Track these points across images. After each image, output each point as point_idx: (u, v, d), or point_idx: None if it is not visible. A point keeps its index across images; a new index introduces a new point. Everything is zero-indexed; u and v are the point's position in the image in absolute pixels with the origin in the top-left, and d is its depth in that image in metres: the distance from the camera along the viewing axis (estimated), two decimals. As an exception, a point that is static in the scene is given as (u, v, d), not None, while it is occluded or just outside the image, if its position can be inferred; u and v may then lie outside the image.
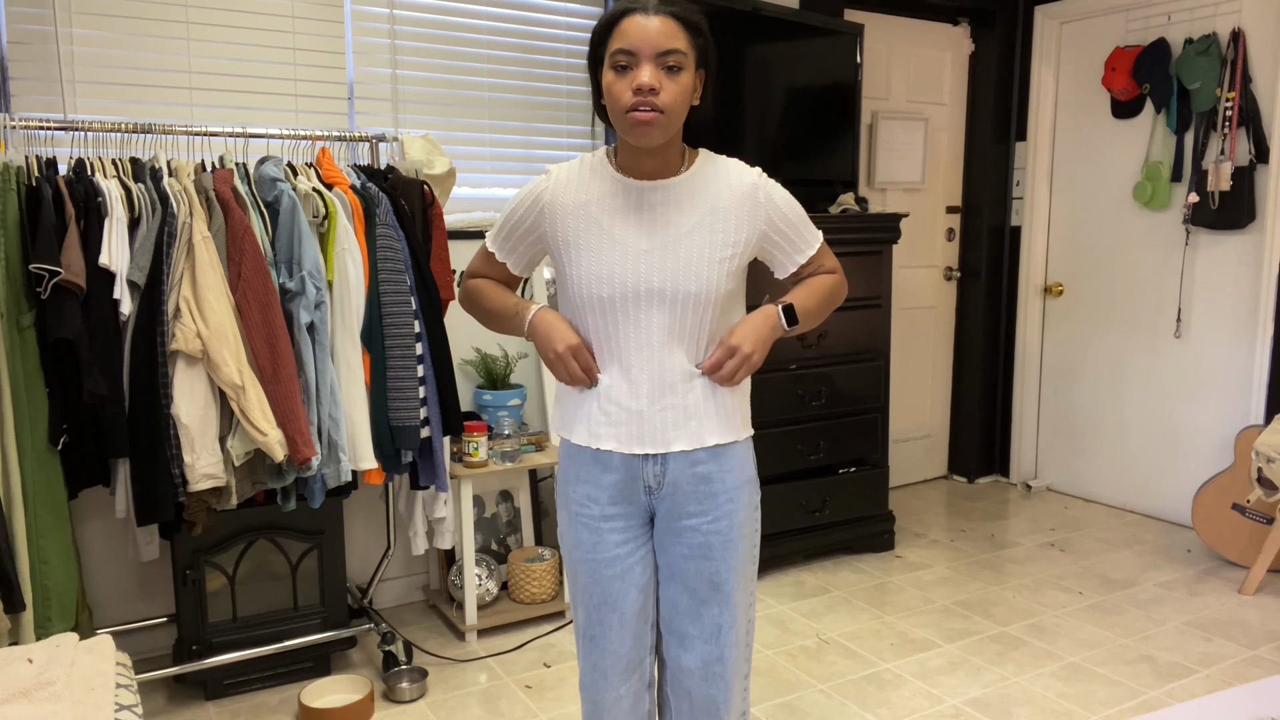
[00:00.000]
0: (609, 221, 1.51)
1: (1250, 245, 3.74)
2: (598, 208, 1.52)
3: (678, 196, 1.51)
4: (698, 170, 1.54)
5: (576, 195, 1.54)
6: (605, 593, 1.60)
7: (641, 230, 1.50)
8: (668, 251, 1.49)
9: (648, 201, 1.51)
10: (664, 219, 1.51)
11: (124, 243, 2.19)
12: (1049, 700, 2.57)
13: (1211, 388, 3.91)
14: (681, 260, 1.49)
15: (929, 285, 4.61)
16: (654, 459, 1.55)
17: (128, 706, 1.68)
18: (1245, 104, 3.66)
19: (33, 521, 2.15)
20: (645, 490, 1.57)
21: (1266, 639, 2.95)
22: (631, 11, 1.41)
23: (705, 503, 1.57)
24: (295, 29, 2.92)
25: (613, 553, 1.59)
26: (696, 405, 1.54)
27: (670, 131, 1.44)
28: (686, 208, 1.51)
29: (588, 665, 1.64)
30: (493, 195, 3.35)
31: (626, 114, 1.41)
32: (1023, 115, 4.51)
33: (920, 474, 4.78)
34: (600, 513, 1.59)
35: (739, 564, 1.60)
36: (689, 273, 1.49)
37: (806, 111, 3.61)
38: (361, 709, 2.45)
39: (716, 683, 1.61)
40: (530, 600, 3.08)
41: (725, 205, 1.52)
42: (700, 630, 1.59)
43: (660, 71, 1.39)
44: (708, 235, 1.50)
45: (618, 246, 1.50)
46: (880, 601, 3.26)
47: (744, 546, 1.61)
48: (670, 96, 1.40)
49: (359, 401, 2.46)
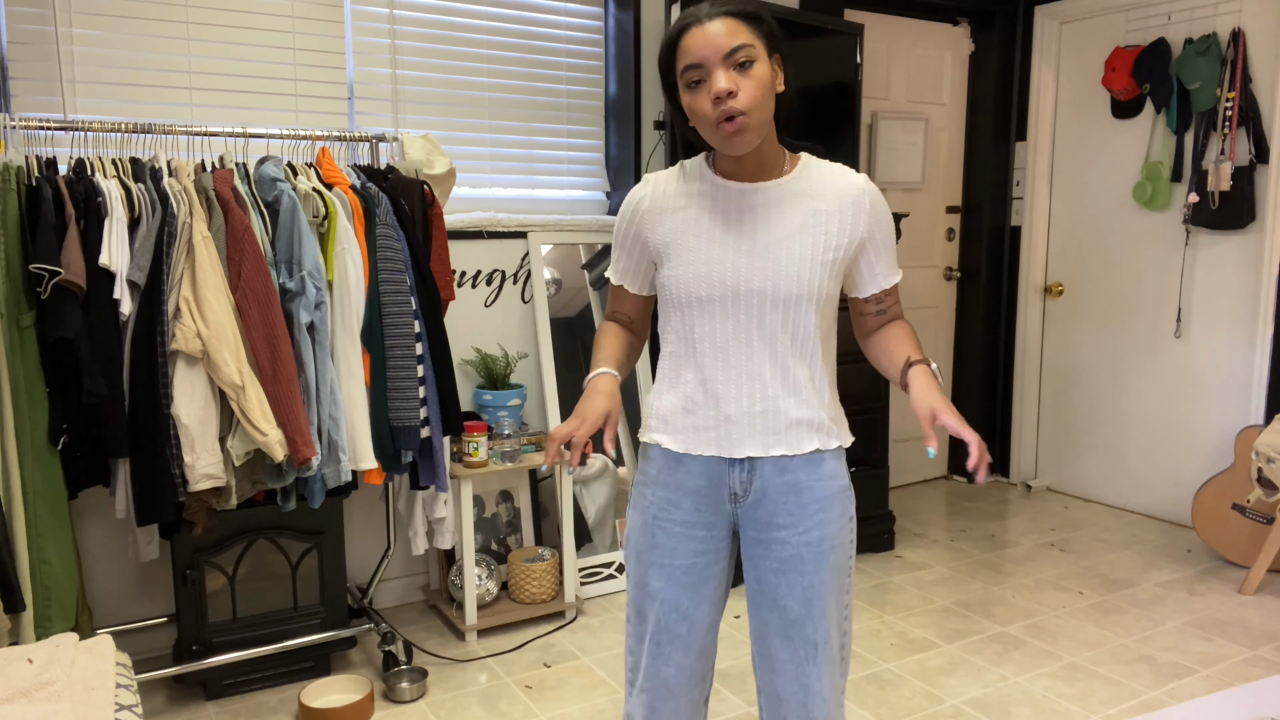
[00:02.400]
0: (710, 222, 1.49)
1: (1250, 245, 3.74)
2: (698, 210, 1.50)
3: (780, 198, 1.48)
4: (801, 172, 1.51)
5: (676, 199, 1.52)
6: (678, 601, 1.54)
7: (743, 231, 1.48)
8: (769, 252, 1.46)
9: (749, 203, 1.49)
10: (765, 220, 1.48)
11: (124, 243, 2.19)
12: (1049, 700, 2.57)
13: (1211, 388, 3.91)
14: (783, 261, 1.46)
15: (929, 285, 4.61)
16: (741, 464, 1.51)
17: (128, 706, 1.68)
18: (1245, 104, 3.66)
19: (33, 521, 2.15)
20: (731, 498, 1.53)
21: (1266, 639, 2.95)
22: (688, 25, 1.38)
23: (796, 513, 1.51)
24: (295, 29, 2.92)
25: (690, 561, 1.54)
26: (790, 410, 1.49)
27: (763, 130, 1.41)
28: (789, 209, 1.48)
29: (651, 672, 1.58)
30: (493, 195, 3.35)
31: (717, 127, 1.38)
32: (1023, 115, 4.51)
33: (920, 474, 4.78)
34: (681, 518, 1.54)
35: (833, 577, 1.53)
36: (791, 274, 1.46)
37: (806, 111, 3.61)
38: (361, 709, 2.45)
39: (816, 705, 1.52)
40: (530, 600, 3.08)
41: (829, 207, 1.48)
42: (792, 654, 1.52)
43: (733, 72, 1.36)
44: (810, 237, 1.47)
45: (718, 246, 1.48)
46: (880, 601, 3.26)
47: (837, 558, 1.53)
48: (750, 94, 1.36)
49: (359, 401, 2.46)
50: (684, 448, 1.51)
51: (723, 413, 1.49)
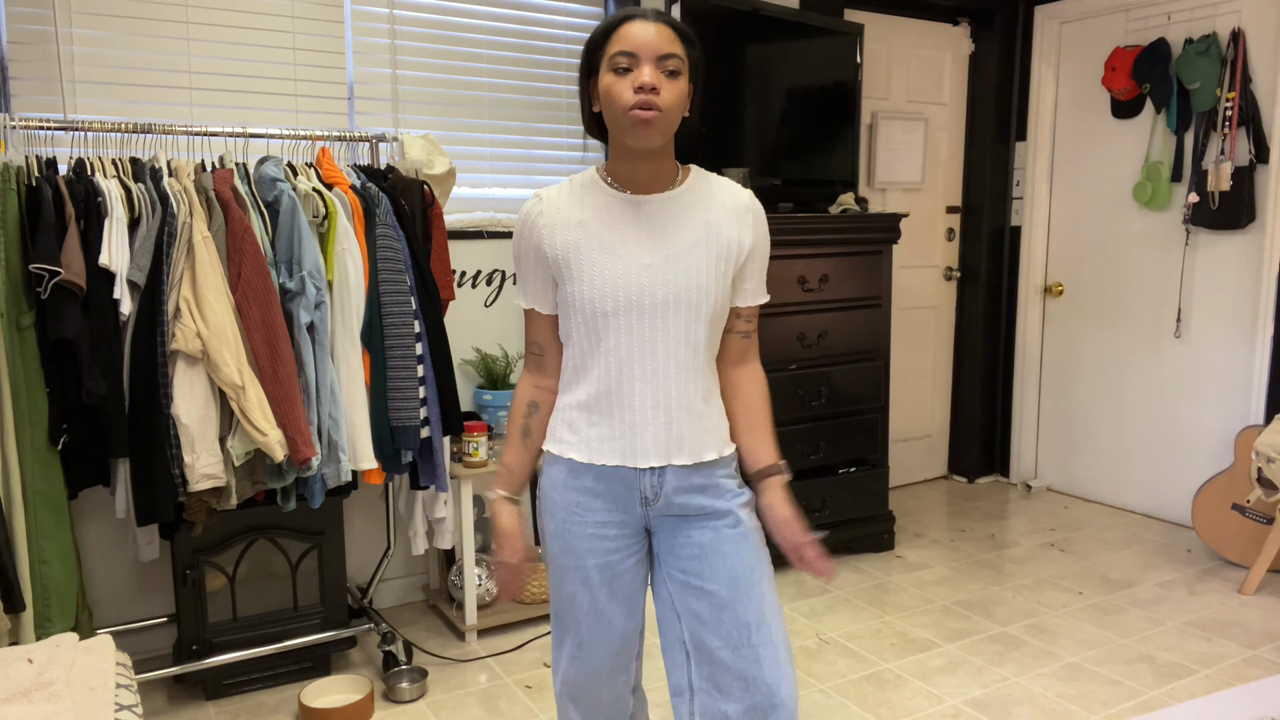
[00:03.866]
0: (609, 236, 1.50)
1: (1250, 245, 3.74)
2: (596, 223, 1.51)
3: (674, 209, 1.51)
4: (693, 184, 1.54)
5: (571, 212, 1.52)
6: (595, 599, 1.57)
7: (643, 244, 1.50)
8: (670, 265, 1.49)
9: (645, 214, 1.51)
10: (662, 231, 1.50)
11: (124, 243, 2.19)
12: (1049, 700, 2.57)
13: (1211, 388, 3.91)
14: (684, 273, 1.49)
15: (929, 285, 4.61)
16: (652, 472, 1.53)
17: (128, 706, 1.68)
18: (1245, 104, 3.66)
19: (33, 521, 2.15)
20: (642, 501, 1.54)
21: (1266, 639, 2.95)
22: (632, 18, 1.44)
23: (707, 508, 1.55)
24: (295, 29, 2.92)
25: (603, 560, 1.56)
26: (692, 420, 1.53)
27: (668, 133, 1.45)
28: (684, 220, 1.51)
29: (572, 674, 1.62)
30: (493, 195, 3.35)
31: (628, 112, 1.41)
32: (1023, 115, 4.51)
33: (920, 474, 4.78)
34: (592, 519, 1.55)
35: (755, 559, 1.55)
36: (694, 285, 1.49)
37: (806, 111, 3.61)
38: (361, 709, 2.45)
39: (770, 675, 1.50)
40: (530, 600, 3.08)
41: (720, 220, 1.52)
42: (726, 639, 1.51)
43: (660, 74, 1.41)
44: (705, 249, 1.50)
45: (620, 260, 1.49)
46: (880, 601, 3.26)
47: (757, 539, 1.57)
48: (670, 98, 1.41)
49: (359, 401, 2.46)
50: (589, 458, 1.53)
51: (627, 423, 1.51)
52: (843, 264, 3.52)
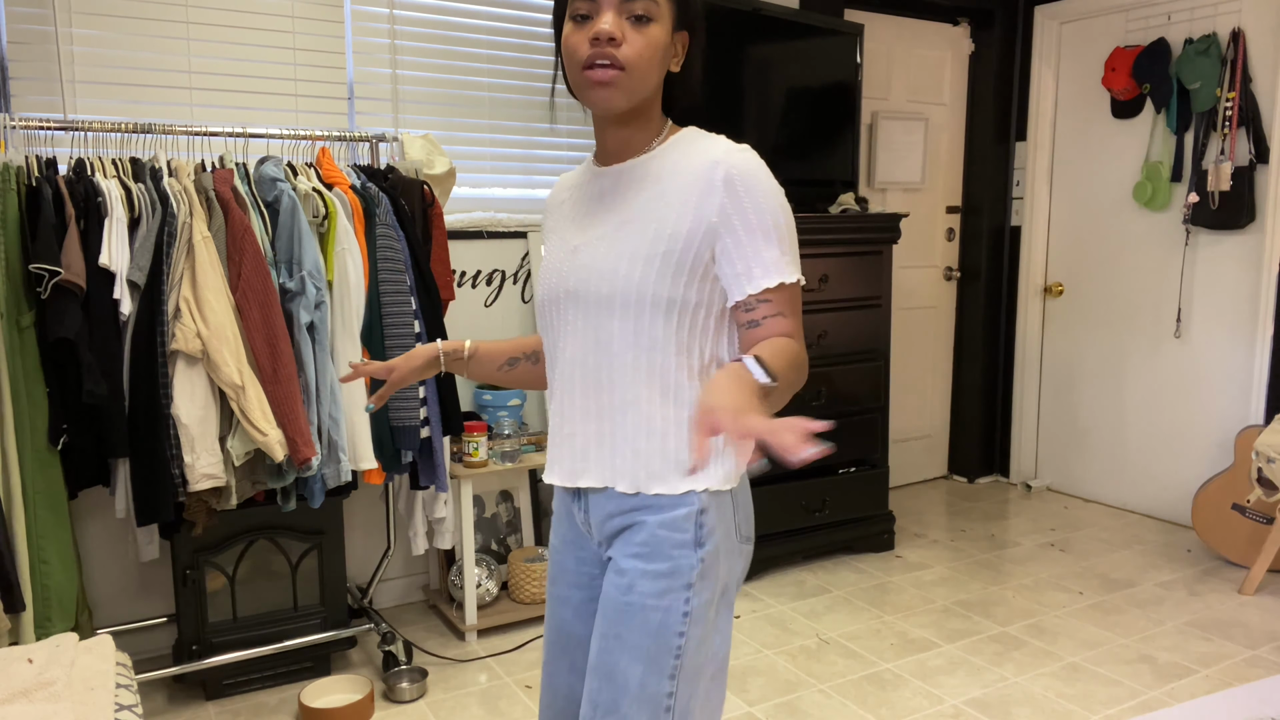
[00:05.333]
0: (563, 217, 1.31)
1: (1250, 245, 3.74)
2: (569, 204, 1.32)
3: (629, 181, 1.24)
4: (668, 149, 1.23)
5: (561, 193, 1.36)
6: (555, 630, 1.38)
7: (579, 224, 1.27)
8: (591, 248, 1.23)
9: (597, 189, 1.27)
10: (604, 209, 1.25)
11: (124, 243, 2.19)
12: (1049, 700, 2.57)
13: (1211, 388, 3.91)
14: (599, 257, 1.21)
15: (929, 285, 4.61)
16: (578, 496, 1.31)
17: (128, 706, 1.68)
18: (1245, 104, 3.66)
19: (33, 521, 2.15)
20: (586, 531, 1.33)
21: (1266, 639, 2.94)
22: None
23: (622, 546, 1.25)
24: (295, 29, 2.92)
25: (565, 592, 1.37)
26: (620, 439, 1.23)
27: (635, 96, 1.18)
28: (632, 193, 1.23)
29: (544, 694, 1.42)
30: (493, 195, 3.35)
31: (583, 71, 1.16)
32: (1023, 115, 4.51)
33: (920, 474, 4.78)
34: (559, 540, 1.39)
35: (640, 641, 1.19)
36: (603, 271, 1.20)
37: (806, 111, 3.61)
38: (361, 709, 2.45)
39: None
40: (530, 600, 3.08)
41: (671, 189, 1.19)
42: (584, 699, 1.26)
43: (624, 20, 1.15)
44: (640, 226, 1.20)
45: (557, 245, 1.29)
46: (880, 601, 3.26)
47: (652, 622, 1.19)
48: (635, 50, 1.15)
49: (359, 401, 2.46)
50: (547, 472, 1.34)
51: (564, 433, 1.29)
52: (843, 264, 3.52)
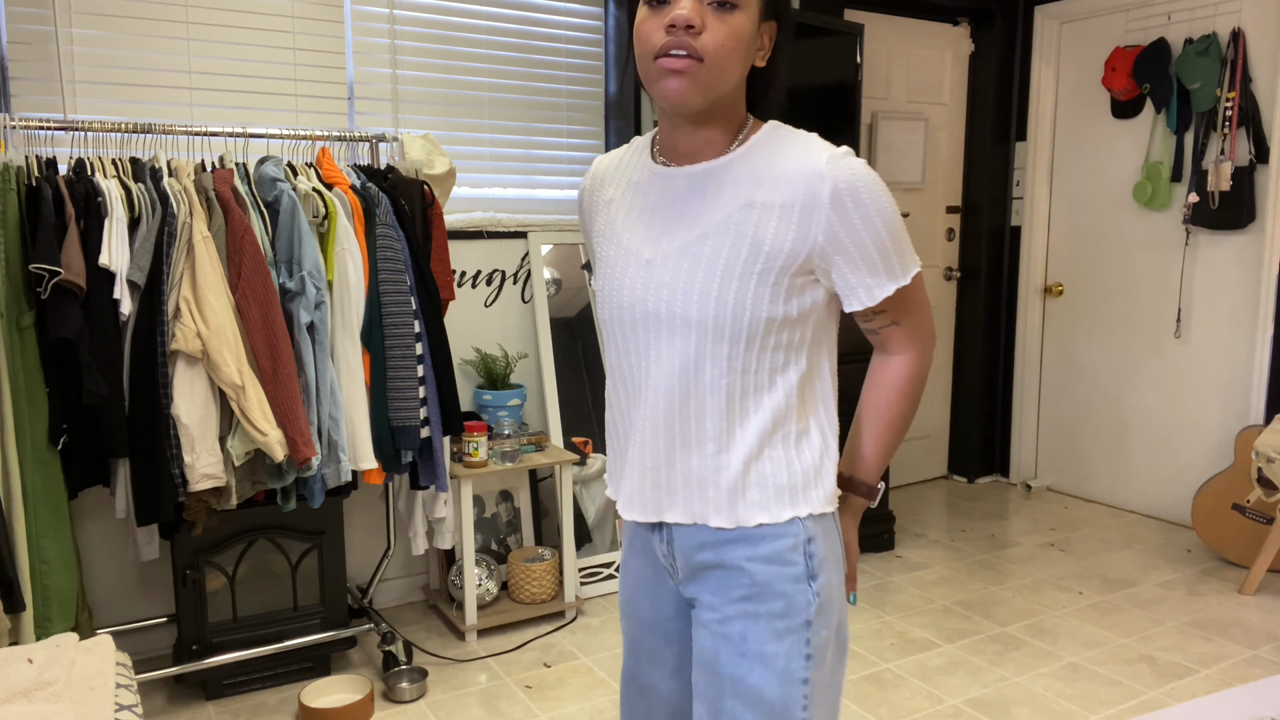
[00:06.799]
0: (624, 220, 1.16)
1: (1250, 245, 3.74)
2: (621, 203, 1.18)
3: (711, 185, 1.09)
4: (752, 150, 1.10)
5: (608, 189, 1.21)
6: (632, 669, 1.29)
7: (652, 233, 1.12)
8: (671, 262, 1.09)
9: (670, 191, 1.12)
10: (683, 215, 1.10)
11: (124, 243, 2.19)
12: (1049, 700, 2.57)
13: (1211, 388, 3.91)
14: (685, 273, 1.08)
15: (929, 285, 4.61)
16: (661, 531, 1.19)
17: (128, 706, 1.68)
18: (1245, 104, 3.66)
19: (33, 522, 2.15)
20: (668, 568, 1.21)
21: (1266, 639, 2.95)
22: None
23: (718, 595, 1.14)
24: (295, 29, 2.92)
25: (643, 630, 1.25)
26: (712, 470, 1.11)
27: (714, 91, 1.05)
28: (717, 199, 1.08)
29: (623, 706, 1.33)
30: (493, 195, 3.35)
31: (655, 60, 1.03)
32: (1023, 115, 4.51)
33: (920, 474, 4.78)
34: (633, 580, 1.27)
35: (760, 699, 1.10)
36: (688, 290, 1.07)
37: (806, 111, 3.61)
38: (361, 709, 2.45)
39: None
40: (530, 600, 3.08)
41: (771, 198, 1.06)
42: None
43: (706, 7, 1.02)
44: (733, 239, 1.06)
45: (622, 254, 1.15)
46: (880, 601, 3.26)
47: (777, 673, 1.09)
48: (717, 41, 1.01)
49: (359, 401, 2.46)
50: (621, 508, 1.22)
51: (644, 465, 1.16)
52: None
